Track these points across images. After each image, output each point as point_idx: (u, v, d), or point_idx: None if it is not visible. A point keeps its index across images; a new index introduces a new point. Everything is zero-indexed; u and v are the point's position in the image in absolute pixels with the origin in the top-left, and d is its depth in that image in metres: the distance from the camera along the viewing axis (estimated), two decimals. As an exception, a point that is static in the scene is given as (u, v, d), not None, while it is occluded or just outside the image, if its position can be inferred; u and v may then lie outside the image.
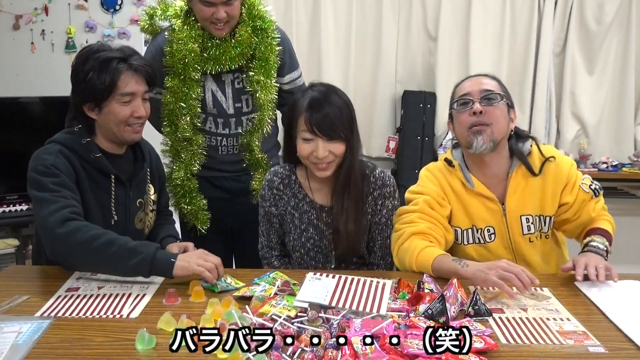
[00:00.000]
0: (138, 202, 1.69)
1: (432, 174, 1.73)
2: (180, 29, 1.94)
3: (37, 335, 1.16)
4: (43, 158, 1.51)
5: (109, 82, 1.52)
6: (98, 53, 1.55)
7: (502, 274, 1.39)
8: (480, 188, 1.66)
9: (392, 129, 3.79)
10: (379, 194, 1.71)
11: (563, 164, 1.67)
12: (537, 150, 1.68)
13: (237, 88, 2.04)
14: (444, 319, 1.20)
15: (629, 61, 3.63)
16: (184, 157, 2.04)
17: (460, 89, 1.67)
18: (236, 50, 1.94)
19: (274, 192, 1.75)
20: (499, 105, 1.61)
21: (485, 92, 1.61)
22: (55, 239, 1.41)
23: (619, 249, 2.23)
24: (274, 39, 2.00)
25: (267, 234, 1.81)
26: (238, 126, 2.07)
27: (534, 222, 1.65)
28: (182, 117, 1.99)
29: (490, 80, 1.67)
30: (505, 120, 1.63)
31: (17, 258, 3.08)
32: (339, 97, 1.63)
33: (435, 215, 1.64)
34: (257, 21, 1.97)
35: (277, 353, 1.06)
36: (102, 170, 1.59)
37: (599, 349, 1.14)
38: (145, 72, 1.59)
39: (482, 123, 1.59)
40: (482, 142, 1.58)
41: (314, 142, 1.58)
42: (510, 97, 1.69)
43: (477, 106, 1.59)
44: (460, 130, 1.65)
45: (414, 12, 3.65)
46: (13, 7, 3.52)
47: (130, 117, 1.57)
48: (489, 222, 1.66)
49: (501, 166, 1.67)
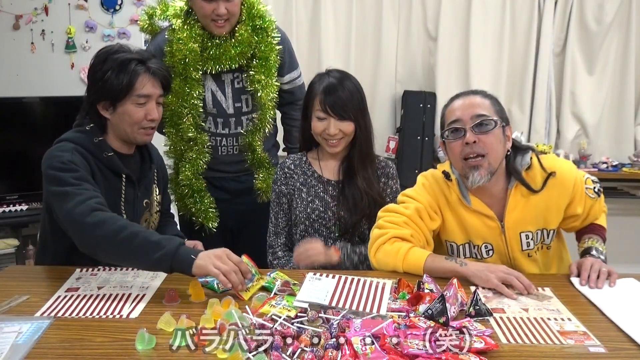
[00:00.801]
0: (145, 202, 1.69)
1: (429, 183, 1.67)
2: (180, 28, 1.94)
3: (37, 335, 1.16)
4: (59, 155, 1.50)
5: (127, 83, 1.53)
6: (118, 54, 1.56)
7: (503, 276, 1.42)
8: (478, 206, 1.59)
9: (392, 129, 3.79)
10: (382, 172, 1.86)
11: (566, 178, 1.58)
12: (538, 163, 1.59)
13: (237, 88, 2.04)
14: (444, 319, 1.20)
15: (629, 61, 3.63)
16: (190, 156, 2.04)
17: (451, 112, 1.56)
18: (236, 50, 1.94)
19: (285, 172, 1.86)
20: (493, 132, 1.51)
21: (477, 117, 1.50)
22: (84, 229, 1.39)
23: (619, 249, 2.24)
24: (274, 38, 2.00)
25: (276, 218, 1.87)
26: (238, 126, 2.07)
27: (534, 237, 1.61)
28: (185, 117, 1.99)
29: (482, 99, 1.55)
30: (500, 145, 1.53)
31: (17, 258, 3.08)
32: (351, 82, 1.79)
33: (422, 225, 1.61)
34: (257, 20, 1.98)
35: (277, 353, 1.06)
36: (113, 170, 1.59)
37: (599, 349, 1.14)
38: (162, 76, 1.60)
39: (477, 154, 1.50)
40: (479, 177, 1.51)
41: (327, 120, 1.75)
42: (504, 113, 1.58)
43: (470, 136, 1.49)
44: (454, 159, 1.58)
45: (414, 12, 3.65)
46: (13, 7, 3.52)
47: (143, 119, 1.58)
48: (486, 239, 1.61)
49: (499, 185, 1.59)
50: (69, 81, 3.50)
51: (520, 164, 1.58)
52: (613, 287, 1.46)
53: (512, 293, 1.40)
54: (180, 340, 1.12)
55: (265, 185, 2.08)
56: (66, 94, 3.24)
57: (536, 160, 1.59)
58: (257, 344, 1.09)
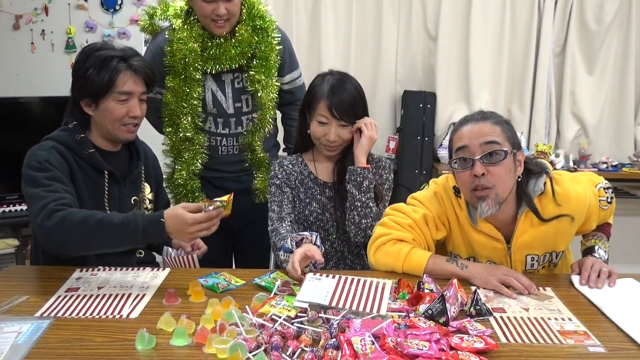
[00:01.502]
0: (133, 199, 1.70)
1: (441, 193, 1.62)
2: (180, 28, 1.94)
3: (37, 335, 1.16)
4: (36, 154, 1.53)
5: (108, 80, 1.54)
6: (100, 51, 1.57)
7: (503, 278, 1.43)
8: (485, 227, 1.53)
9: (392, 129, 3.79)
10: (376, 165, 1.85)
11: (581, 204, 1.51)
12: (551, 191, 1.50)
13: (237, 88, 2.04)
14: (444, 319, 1.20)
15: (629, 61, 3.63)
16: (186, 156, 2.04)
17: (459, 138, 1.48)
18: (236, 50, 1.94)
19: (284, 168, 1.86)
20: (503, 163, 1.43)
21: (487, 145, 1.43)
22: (45, 233, 1.43)
23: (619, 248, 2.24)
24: (274, 38, 2.00)
25: (280, 204, 1.83)
26: (238, 126, 2.07)
27: (539, 259, 1.58)
28: (184, 116, 1.99)
29: (492, 126, 1.46)
30: (510, 175, 1.45)
31: (17, 258, 3.08)
32: (352, 84, 1.79)
33: (426, 232, 1.60)
34: (257, 20, 1.98)
35: (277, 353, 1.06)
36: (95, 166, 1.60)
37: (599, 348, 1.14)
38: (144, 73, 1.61)
39: (485, 187, 1.43)
40: (487, 207, 1.43)
41: (328, 125, 1.75)
42: (516, 138, 1.49)
43: (478, 169, 1.42)
44: (462, 189, 1.52)
45: (414, 12, 3.65)
46: (13, 7, 3.52)
47: (125, 116, 1.59)
48: (490, 257, 1.58)
49: (508, 210, 1.52)
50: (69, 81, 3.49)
51: (532, 189, 1.51)
52: (612, 287, 1.46)
53: (512, 293, 1.40)
54: (180, 340, 1.12)
55: (263, 185, 2.08)
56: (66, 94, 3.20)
57: (550, 187, 1.50)
58: (257, 344, 1.09)
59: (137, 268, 1.58)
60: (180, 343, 1.12)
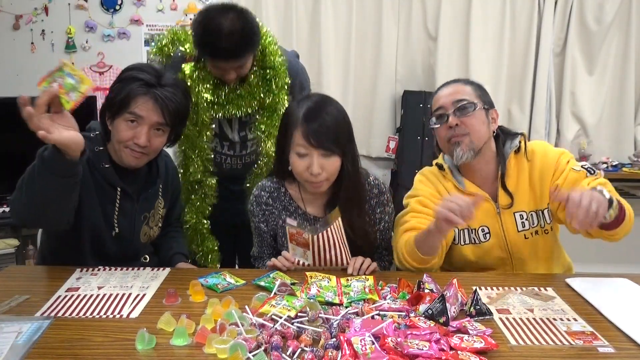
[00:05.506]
0: (143, 216, 1.67)
1: (426, 178, 1.75)
2: (190, 74, 1.89)
3: (37, 335, 1.16)
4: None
5: (123, 98, 1.51)
6: (133, 71, 1.55)
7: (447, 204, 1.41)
8: (472, 188, 1.66)
9: (392, 128, 3.80)
10: (376, 202, 1.68)
11: (551, 154, 1.65)
12: (524, 148, 1.65)
13: (244, 122, 2.03)
14: (444, 319, 1.20)
15: (629, 61, 3.64)
16: (195, 200, 2.03)
17: (436, 101, 1.66)
18: (246, 100, 1.93)
19: (262, 208, 1.68)
20: (474, 114, 1.59)
21: (458, 102, 1.60)
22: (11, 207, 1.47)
23: (619, 248, 2.23)
24: (283, 87, 1.96)
25: (260, 245, 1.75)
26: (243, 150, 2.07)
27: (529, 218, 1.65)
28: (194, 159, 1.99)
29: (464, 86, 1.64)
30: (483, 126, 1.61)
31: (17, 258, 3.08)
32: (334, 108, 1.58)
33: (427, 211, 1.65)
34: (268, 71, 1.93)
35: (277, 353, 1.06)
36: (108, 181, 1.58)
37: (608, 349, 1.14)
38: (166, 105, 1.52)
39: (459, 135, 1.58)
40: (461, 152, 1.58)
41: (309, 157, 1.53)
42: (487, 97, 1.66)
43: (452, 120, 1.59)
44: (441, 143, 1.67)
45: (414, 12, 3.66)
46: (13, 7, 3.52)
47: (130, 140, 1.52)
48: (483, 221, 1.66)
49: (490, 168, 1.67)
50: (69, 81, 3.51)
51: (509, 147, 1.67)
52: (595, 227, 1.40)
53: (457, 218, 1.38)
54: (180, 340, 1.13)
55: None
56: (66, 94, 3.23)
57: (523, 145, 1.66)
58: (257, 344, 1.09)
59: (137, 268, 1.58)
60: (180, 343, 1.13)
